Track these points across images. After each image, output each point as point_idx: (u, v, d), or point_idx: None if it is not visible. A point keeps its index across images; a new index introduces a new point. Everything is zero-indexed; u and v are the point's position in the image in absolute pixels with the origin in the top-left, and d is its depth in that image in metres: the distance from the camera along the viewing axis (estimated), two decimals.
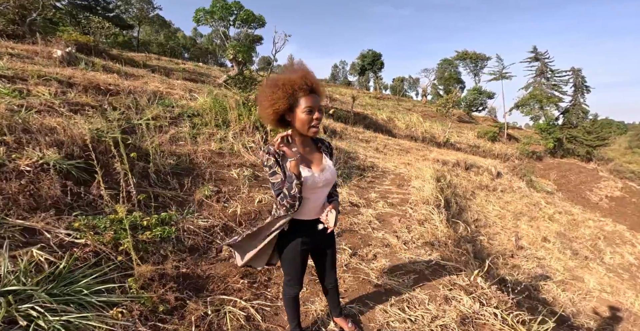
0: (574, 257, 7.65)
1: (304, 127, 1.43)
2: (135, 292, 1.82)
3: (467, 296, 2.57)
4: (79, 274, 1.73)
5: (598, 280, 6.70)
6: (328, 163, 1.60)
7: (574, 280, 6.37)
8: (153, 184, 3.40)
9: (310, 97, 1.41)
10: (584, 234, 10.23)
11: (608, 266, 8.05)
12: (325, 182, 1.53)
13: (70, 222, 2.14)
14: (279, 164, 1.41)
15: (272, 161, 1.41)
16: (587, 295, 5.90)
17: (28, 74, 5.25)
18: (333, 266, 1.83)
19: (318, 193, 1.55)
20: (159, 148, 4.03)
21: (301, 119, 1.41)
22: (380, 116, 19.00)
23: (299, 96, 1.40)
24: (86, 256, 1.92)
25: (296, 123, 1.44)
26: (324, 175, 1.53)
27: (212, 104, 6.45)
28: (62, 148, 2.80)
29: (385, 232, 3.86)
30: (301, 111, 1.40)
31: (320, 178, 1.51)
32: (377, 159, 8.51)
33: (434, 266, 3.12)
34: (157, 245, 2.38)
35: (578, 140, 24.86)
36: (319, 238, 1.66)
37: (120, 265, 2.03)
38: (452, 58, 41.43)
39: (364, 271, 2.87)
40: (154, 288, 1.94)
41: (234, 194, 3.81)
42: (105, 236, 2.05)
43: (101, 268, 1.88)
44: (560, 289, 5.74)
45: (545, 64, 28.55)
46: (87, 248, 1.95)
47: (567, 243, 8.49)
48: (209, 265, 2.49)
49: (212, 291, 2.24)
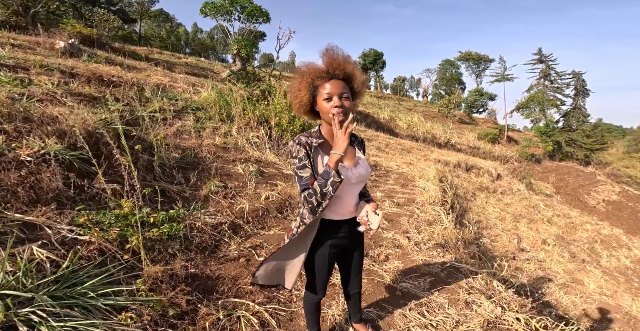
0: (572, 260, 7.63)
1: (326, 116, 1.32)
2: (144, 295, 1.69)
3: (487, 301, 2.46)
4: (83, 274, 1.60)
5: (598, 283, 6.68)
6: (362, 158, 1.48)
7: (574, 282, 6.33)
8: (158, 178, 3.26)
9: (329, 83, 1.30)
10: (582, 237, 10.24)
11: (604, 269, 8.04)
12: (359, 178, 1.41)
13: (73, 217, 2.00)
14: (309, 157, 1.30)
15: (303, 153, 1.30)
16: (588, 298, 5.87)
17: (30, 64, 5.08)
18: (360, 271, 1.69)
19: (351, 191, 1.43)
20: (164, 141, 3.88)
21: (322, 108, 1.32)
22: (382, 115, 18.89)
23: (318, 84, 1.32)
24: (91, 255, 1.79)
25: (321, 113, 1.35)
26: (358, 170, 1.41)
27: (217, 98, 6.31)
28: (65, 138, 2.65)
29: (395, 233, 3.75)
30: (322, 99, 1.31)
31: (354, 173, 1.39)
32: (379, 158, 8.42)
33: (449, 268, 3.01)
34: (165, 243, 2.25)
35: (577, 144, 24.91)
36: (349, 241, 1.53)
37: (127, 264, 1.90)
38: (455, 58, 41.30)
39: (378, 273, 2.76)
40: (164, 290, 1.81)
41: (240, 190, 3.68)
42: (111, 233, 1.91)
43: (107, 268, 1.75)
44: (562, 292, 5.70)
45: (550, 66, 28.50)
46: (91, 246, 1.82)
47: (565, 246, 8.47)
48: (219, 265, 2.36)
49: (222, 293, 2.12)
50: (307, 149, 1.30)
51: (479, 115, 37.68)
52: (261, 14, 13.94)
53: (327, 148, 1.37)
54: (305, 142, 1.31)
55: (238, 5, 13.61)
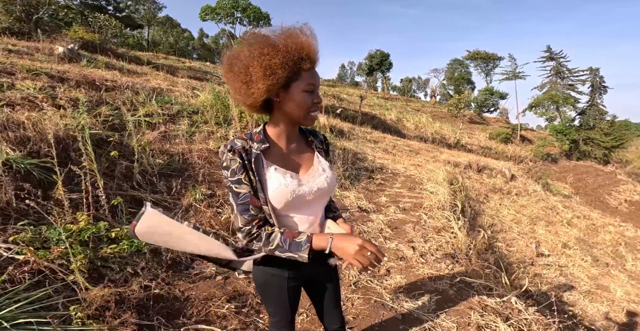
0: (595, 264, 7.15)
1: (301, 112, 0.99)
2: (80, 323, 1.41)
3: (504, 324, 2.10)
4: (5, 300, 1.33)
5: (624, 289, 6.19)
6: (322, 164, 1.12)
7: (599, 289, 5.89)
8: (136, 186, 3.01)
9: (314, 72, 0.99)
10: (605, 240, 9.72)
11: (630, 273, 7.52)
12: (318, 192, 1.06)
13: (13, 234, 1.74)
14: (245, 168, 0.98)
15: (237, 164, 0.97)
16: (615, 305, 5.43)
17: (17, 69, 4.95)
18: (337, 305, 1.31)
19: (311, 207, 1.08)
20: (148, 147, 3.65)
21: (299, 101, 0.97)
22: (389, 116, 18.51)
23: (303, 68, 0.97)
24: (22, 276, 1.52)
25: (288, 107, 0.99)
26: (316, 182, 1.06)
27: (214, 101, 6.10)
28: (27, 145, 2.42)
29: (399, 242, 3.40)
30: (301, 89, 0.97)
31: (312, 187, 1.05)
32: (386, 160, 8.06)
33: (459, 284, 2.65)
34: (127, 260, 1.97)
35: (595, 142, 24.00)
36: (315, 270, 1.17)
37: (73, 287, 1.63)
38: (463, 57, 40.63)
39: (376, 291, 2.43)
40: (108, 317, 1.52)
41: (228, 198, 3.40)
42: (54, 251, 1.65)
43: (44, 291, 1.47)
44: (587, 300, 5.27)
45: (561, 63, 27.67)
46: (26, 266, 1.55)
47: (587, 249, 7.97)
48: (190, 284, 2.07)
49: (190, 317, 1.83)
50: (243, 158, 0.98)
51: (489, 114, 36.87)
52: (261, 16, 13.84)
53: (274, 155, 1.05)
54: (242, 147, 0.99)
55: (239, 8, 13.56)
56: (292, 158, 1.08)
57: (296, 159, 1.09)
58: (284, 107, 1.00)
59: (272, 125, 1.07)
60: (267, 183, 1.00)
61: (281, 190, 0.99)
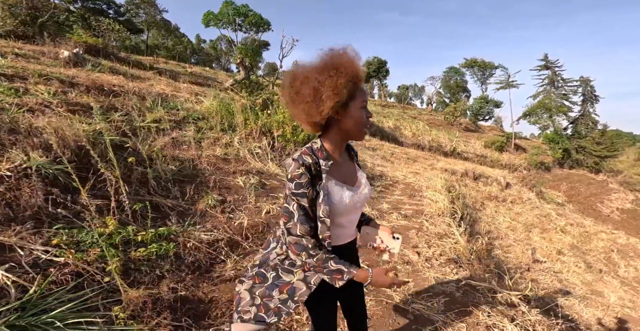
0: (589, 270, 7.32)
1: (358, 127, 1.08)
2: (123, 323, 1.50)
3: (510, 324, 2.22)
4: (53, 300, 1.41)
5: (618, 294, 6.35)
6: (363, 175, 1.27)
7: (594, 294, 6.03)
8: (152, 192, 3.09)
9: (364, 90, 1.10)
10: (597, 247, 9.90)
11: (623, 279, 7.70)
12: (364, 201, 1.20)
13: (50, 237, 1.83)
14: (312, 184, 1.04)
15: (306, 178, 1.02)
16: (610, 310, 5.57)
17: (29, 73, 5.02)
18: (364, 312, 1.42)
19: (355, 215, 1.22)
20: (161, 153, 3.73)
21: (357, 117, 1.07)
22: (387, 124, 18.72)
23: (359, 86, 1.06)
24: (65, 278, 1.60)
25: (346, 123, 1.08)
26: (363, 192, 1.19)
27: (218, 107, 6.21)
28: (51, 151, 2.51)
29: (404, 247, 3.52)
30: (358, 106, 1.06)
31: (360, 197, 1.17)
32: (385, 168, 8.20)
33: (465, 287, 2.77)
34: (153, 263, 2.06)
35: (587, 151, 24.43)
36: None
37: (109, 288, 1.72)
38: (460, 65, 41.24)
39: (386, 293, 2.53)
40: (146, 318, 1.61)
41: (239, 204, 3.50)
42: (90, 254, 1.74)
43: (84, 293, 1.56)
44: (582, 304, 5.41)
45: (556, 72, 28.21)
46: (66, 269, 1.64)
47: (580, 255, 8.15)
48: (212, 287, 2.16)
49: (215, 318, 1.92)
50: (312, 174, 1.04)
51: (484, 122, 37.38)
52: (262, 22, 14.03)
53: (336, 172, 1.13)
54: (311, 163, 1.04)
55: (242, 15, 13.73)
56: (345, 171, 1.19)
57: (347, 172, 1.20)
58: (342, 124, 1.09)
59: (328, 140, 1.13)
60: (329, 195, 1.08)
61: (342, 202, 1.09)
